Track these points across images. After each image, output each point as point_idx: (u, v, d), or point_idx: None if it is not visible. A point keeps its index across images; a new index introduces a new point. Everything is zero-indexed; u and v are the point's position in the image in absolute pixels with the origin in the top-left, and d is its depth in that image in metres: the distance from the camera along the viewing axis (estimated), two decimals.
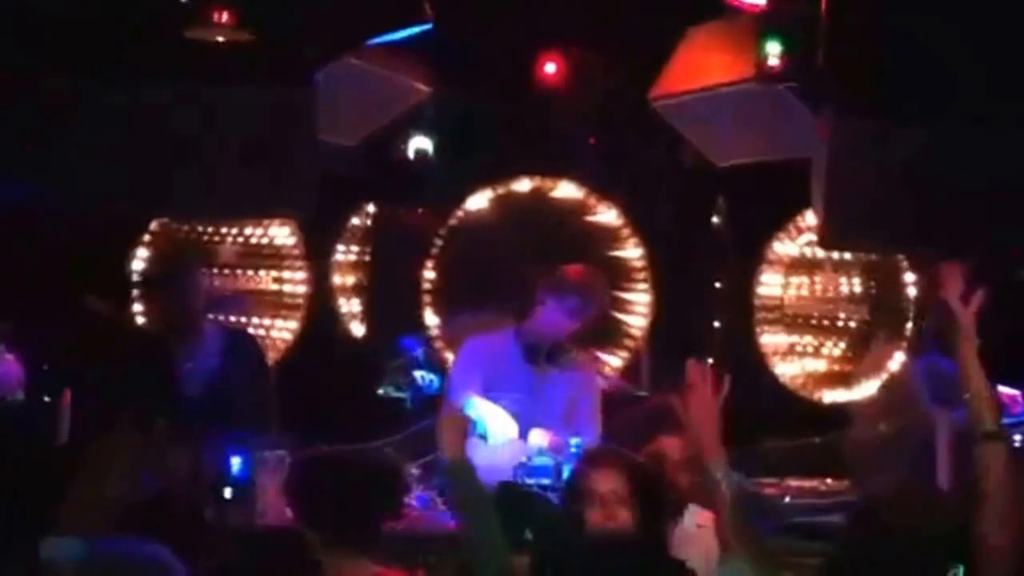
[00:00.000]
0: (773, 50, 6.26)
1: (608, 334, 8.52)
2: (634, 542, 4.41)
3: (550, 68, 8.72)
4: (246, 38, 6.07)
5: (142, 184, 6.05)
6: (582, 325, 7.00)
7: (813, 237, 7.92)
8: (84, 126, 6.00)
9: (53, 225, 7.14)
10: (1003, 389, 7.38)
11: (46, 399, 6.35)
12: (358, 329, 9.08)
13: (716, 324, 9.22)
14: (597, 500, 4.84)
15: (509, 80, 8.69)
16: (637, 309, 8.55)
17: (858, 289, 8.50)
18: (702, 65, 7.06)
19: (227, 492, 6.17)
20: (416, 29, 6.64)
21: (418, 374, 8.73)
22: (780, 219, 8.27)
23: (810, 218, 7.62)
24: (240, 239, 8.12)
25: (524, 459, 6.52)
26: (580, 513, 4.87)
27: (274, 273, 8.18)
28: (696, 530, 5.34)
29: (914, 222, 5.86)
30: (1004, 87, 5.70)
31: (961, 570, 4.12)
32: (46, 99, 5.99)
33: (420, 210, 9.36)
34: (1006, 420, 7.48)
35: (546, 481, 6.45)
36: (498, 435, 6.65)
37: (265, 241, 8.14)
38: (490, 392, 6.83)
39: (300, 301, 8.22)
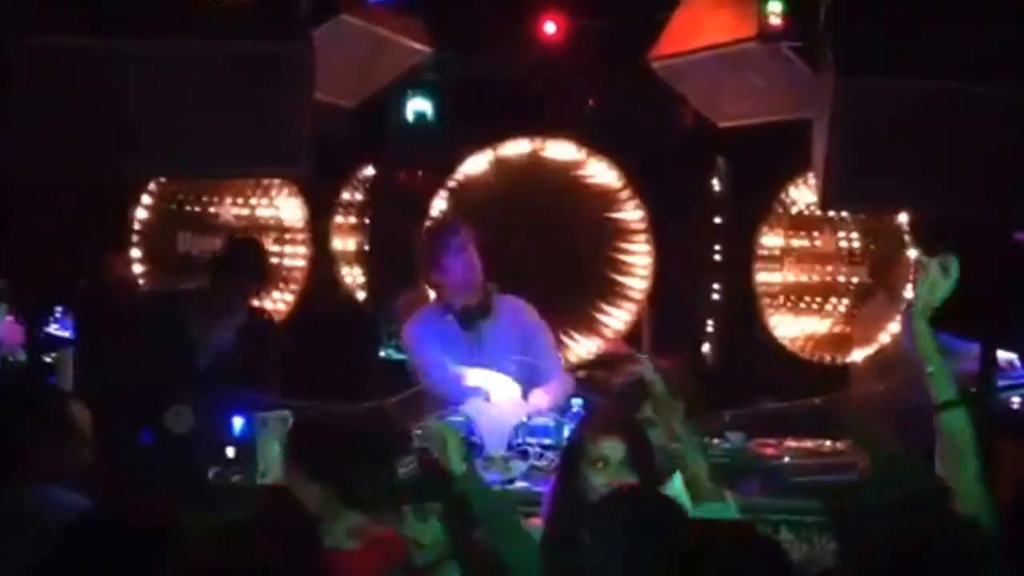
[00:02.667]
0: (774, 9, 6.26)
1: (608, 296, 8.55)
2: (647, 496, 4.42)
3: (550, 28, 8.70)
4: None
5: (135, 142, 6.02)
6: (479, 263, 6.93)
7: (812, 198, 7.93)
8: (77, 84, 5.96)
9: (49, 187, 7.13)
10: (1001, 354, 7.40)
11: (48, 359, 6.38)
12: (358, 291, 9.10)
13: (716, 285, 9.24)
14: (604, 464, 4.84)
15: (508, 41, 8.67)
16: (637, 271, 8.56)
17: (858, 247, 8.52)
18: (702, 25, 7.05)
19: (230, 452, 6.21)
20: None
21: None
22: (780, 180, 8.27)
23: (811, 178, 7.61)
24: (246, 210, 8.17)
25: (525, 419, 6.53)
26: (584, 478, 4.86)
27: (276, 247, 8.22)
28: (683, 489, 5.33)
29: (915, 182, 5.84)
30: (1006, 44, 5.69)
31: None
32: (36, 60, 5.95)
33: (419, 172, 9.37)
34: (1004, 382, 7.56)
35: (547, 441, 6.47)
36: (501, 396, 6.65)
37: (270, 212, 8.18)
38: None
39: (298, 275, 8.24)
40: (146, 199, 7.85)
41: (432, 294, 7.09)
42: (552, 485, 5.09)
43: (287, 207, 8.22)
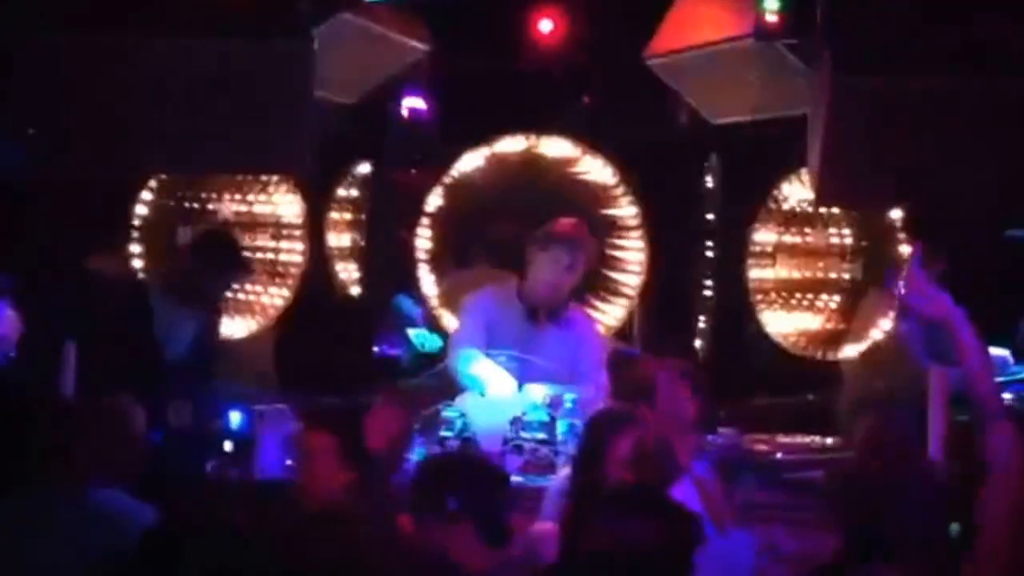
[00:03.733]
0: (771, 6, 6.27)
1: (601, 292, 8.58)
2: (659, 498, 4.44)
3: (545, 26, 8.72)
4: None
5: (137, 139, 6.06)
6: (576, 278, 6.98)
7: (807, 194, 7.96)
8: (80, 82, 6.00)
9: (51, 180, 7.14)
10: (993, 350, 7.45)
11: (48, 353, 6.38)
12: (354, 288, 9.13)
13: (708, 282, 9.28)
14: (621, 462, 4.87)
15: (505, 38, 8.70)
16: (631, 267, 8.59)
17: (849, 241, 8.56)
18: (698, 22, 7.07)
19: (227, 446, 6.23)
20: None
21: (412, 332, 8.80)
22: (773, 176, 8.30)
23: (804, 175, 7.64)
24: (244, 206, 8.19)
25: (520, 414, 6.55)
26: (599, 473, 4.90)
27: (272, 242, 8.23)
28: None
29: (909, 179, 5.89)
30: (1001, 40, 5.72)
31: (956, 528, 4.14)
32: (40, 56, 5.98)
33: (413, 170, 9.40)
34: (997, 377, 7.60)
35: (541, 436, 6.47)
36: (496, 390, 6.68)
37: (268, 209, 8.20)
38: (490, 346, 6.86)
39: (294, 270, 8.26)
40: (146, 195, 7.87)
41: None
42: (568, 484, 5.13)
43: (284, 203, 8.24)
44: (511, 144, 8.40)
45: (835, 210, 8.31)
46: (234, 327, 7.98)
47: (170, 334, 6.81)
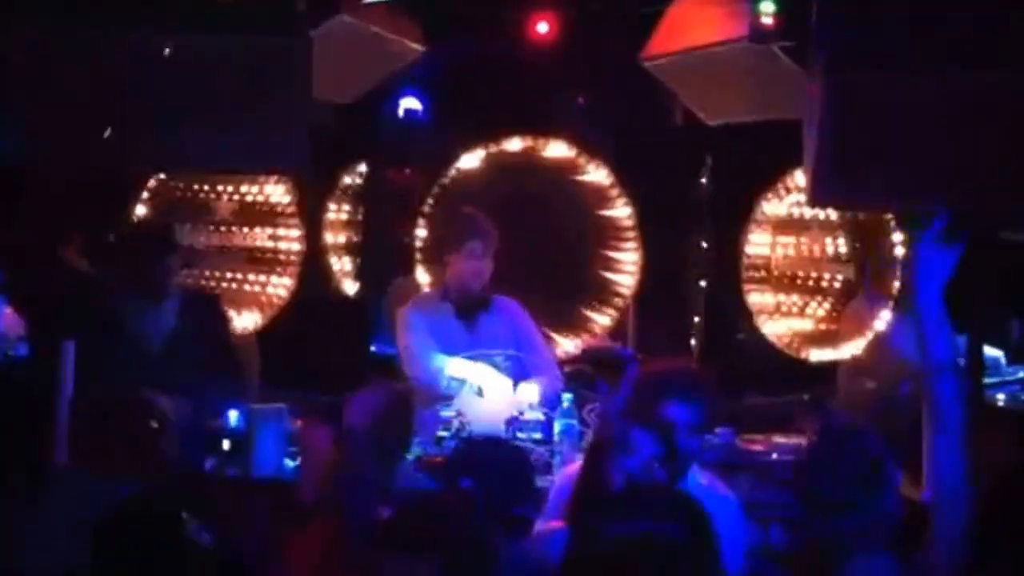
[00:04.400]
0: (767, 8, 6.29)
1: (596, 292, 8.60)
2: (675, 492, 4.45)
3: (542, 28, 8.74)
4: None
5: (133, 137, 6.06)
6: (491, 261, 7.05)
7: (801, 197, 7.98)
8: (75, 78, 6.01)
9: (47, 178, 7.16)
10: (987, 351, 7.48)
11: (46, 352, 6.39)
12: (350, 286, 9.16)
13: (702, 283, 9.30)
14: (637, 455, 4.90)
15: (500, 39, 8.72)
16: (625, 268, 8.62)
17: (843, 249, 8.57)
18: (694, 24, 7.08)
19: (225, 444, 6.25)
20: None
21: None
22: (768, 179, 8.32)
23: (799, 178, 7.67)
24: (236, 196, 8.19)
25: (516, 414, 6.58)
26: (612, 467, 4.92)
27: (269, 230, 8.24)
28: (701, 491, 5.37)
29: (904, 180, 5.89)
30: (996, 40, 5.74)
31: None
32: (36, 51, 5.99)
33: (407, 170, 9.42)
34: (991, 378, 7.64)
35: (537, 435, 6.51)
36: (494, 391, 6.71)
37: (260, 199, 8.20)
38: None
39: (295, 258, 8.27)
40: (145, 193, 7.88)
41: (426, 280, 7.10)
42: (576, 477, 5.15)
43: (276, 192, 8.23)
44: (506, 145, 8.42)
45: (829, 211, 8.32)
46: (243, 321, 7.99)
47: (142, 331, 6.78)
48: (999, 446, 5.25)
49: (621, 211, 8.54)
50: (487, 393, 6.69)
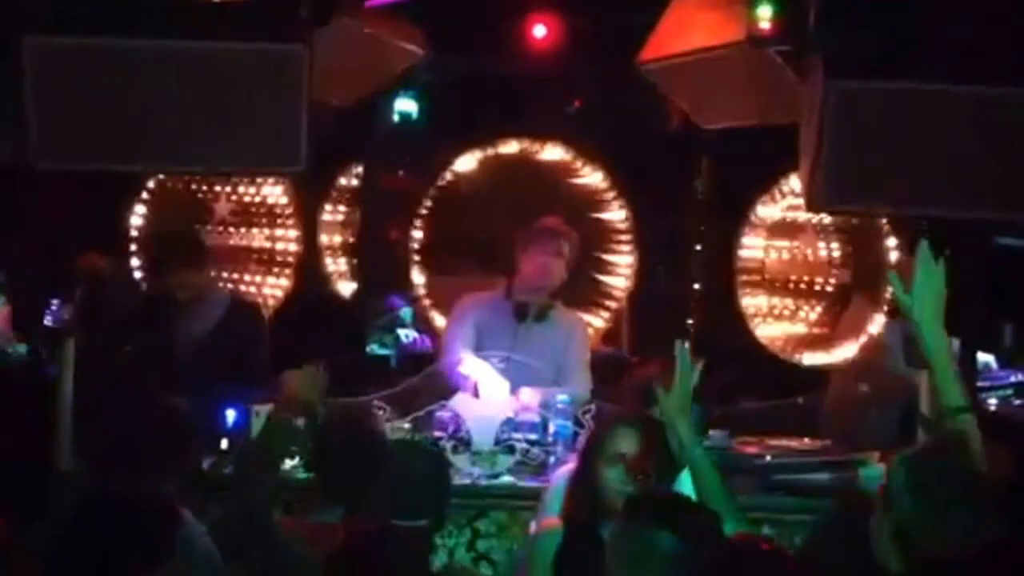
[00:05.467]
0: (764, 13, 6.29)
1: (591, 296, 8.63)
2: (665, 497, 4.47)
3: (539, 31, 8.77)
4: None
5: (134, 139, 6.09)
6: (564, 266, 7.06)
7: (795, 201, 8.01)
8: (76, 81, 6.04)
9: (47, 177, 7.18)
10: (980, 355, 7.50)
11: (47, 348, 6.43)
12: (346, 288, 9.18)
13: (696, 287, 9.33)
14: (621, 461, 4.93)
15: (497, 43, 8.74)
16: (620, 271, 8.65)
17: (837, 253, 8.60)
18: (691, 28, 7.08)
19: (223, 443, 6.28)
20: None
21: (402, 332, 8.84)
22: (763, 182, 8.35)
23: (794, 182, 7.70)
24: (234, 197, 8.22)
25: (511, 415, 6.60)
26: (599, 474, 4.96)
27: (267, 231, 8.26)
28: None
29: (902, 184, 5.92)
30: (994, 47, 5.77)
31: None
32: (37, 54, 6.02)
33: (400, 172, 9.44)
34: (983, 383, 7.67)
35: (533, 436, 6.54)
36: (490, 392, 6.73)
37: (258, 200, 8.23)
38: (479, 349, 6.93)
39: (291, 259, 8.30)
40: (144, 195, 7.91)
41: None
42: (569, 480, 5.18)
43: (274, 193, 8.26)
44: (502, 148, 8.45)
45: (825, 216, 8.35)
46: None
47: (173, 336, 6.86)
48: (990, 452, 5.29)
49: (616, 214, 8.58)
50: (483, 393, 6.71)
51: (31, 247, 7.40)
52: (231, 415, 6.29)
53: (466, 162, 8.42)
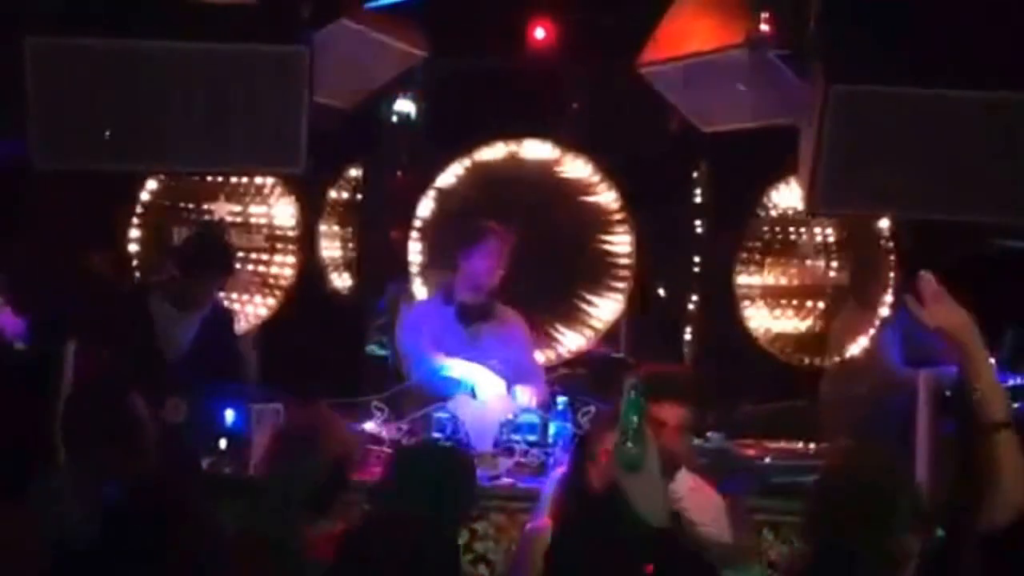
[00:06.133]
0: (764, 16, 6.31)
1: (589, 295, 8.62)
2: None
3: (539, 33, 8.77)
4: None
5: (134, 139, 6.11)
6: (503, 268, 7.10)
7: (795, 202, 8.01)
8: (77, 81, 6.05)
9: (47, 178, 7.19)
10: None
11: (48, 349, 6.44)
12: (344, 288, 9.18)
13: (695, 287, 9.34)
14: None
15: (497, 44, 8.75)
16: (619, 272, 8.63)
17: (835, 256, 8.61)
18: (691, 31, 7.09)
19: (222, 443, 6.30)
20: None
21: None
22: (764, 185, 8.35)
23: (793, 185, 7.70)
24: (234, 200, 8.23)
25: (511, 416, 6.62)
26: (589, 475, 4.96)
27: (265, 236, 8.26)
28: (688, 491, 5.41)
29: (901, 187, 5.93)
30: (994, 51, 5.78)
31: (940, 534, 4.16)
32: (37, 55, 6.03)
33: (399, 173, 9.44)
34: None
35: (532, 437, 6.56)
36: (487, 392, 6.74)
37: (259, 204, 8.24)
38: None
39: (289, 272, 8.29)
40: (144, 196, 7.91)
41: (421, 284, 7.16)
42: (559, 481, 5.18)
43: (279, 206, 8.27)
44: (500, 149, 8.45)
45: (823, 219, 8.35)
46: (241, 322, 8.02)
47: (169, 338, 6.86)
48: None
49: (615, 215, 8.57)
50: (481, 395, 6.72)
51: (31, 247, 7.39)
52: (230, 415, 6.29)
53: (466, 163, 8.41)
